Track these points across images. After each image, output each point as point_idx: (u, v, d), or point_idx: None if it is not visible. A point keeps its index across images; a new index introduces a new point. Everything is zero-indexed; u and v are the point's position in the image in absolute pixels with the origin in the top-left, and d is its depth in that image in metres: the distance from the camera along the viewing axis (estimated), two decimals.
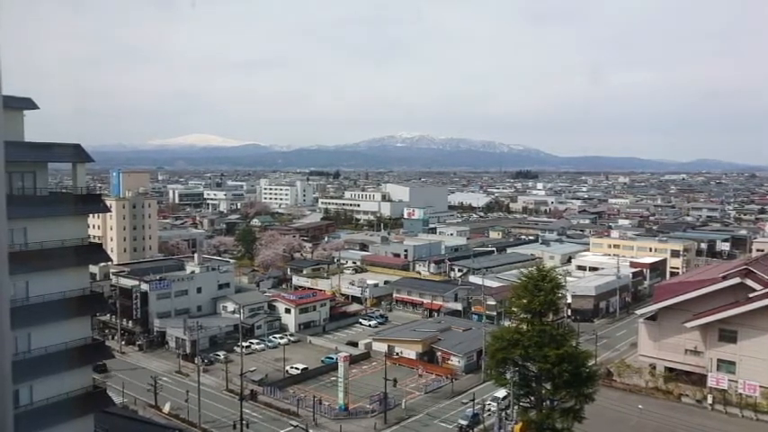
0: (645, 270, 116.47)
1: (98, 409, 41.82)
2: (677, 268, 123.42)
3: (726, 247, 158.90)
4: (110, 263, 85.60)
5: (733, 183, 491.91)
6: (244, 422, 55.68)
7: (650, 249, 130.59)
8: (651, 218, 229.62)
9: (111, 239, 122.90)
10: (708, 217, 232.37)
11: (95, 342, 43.67)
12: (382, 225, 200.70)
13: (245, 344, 79.76)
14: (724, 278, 67.11)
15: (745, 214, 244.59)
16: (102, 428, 41.68)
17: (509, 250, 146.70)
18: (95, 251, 44.66)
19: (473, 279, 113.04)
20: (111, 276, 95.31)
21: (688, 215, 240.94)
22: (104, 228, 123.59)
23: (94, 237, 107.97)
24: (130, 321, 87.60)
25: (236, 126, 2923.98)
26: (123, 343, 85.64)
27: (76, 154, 40.14)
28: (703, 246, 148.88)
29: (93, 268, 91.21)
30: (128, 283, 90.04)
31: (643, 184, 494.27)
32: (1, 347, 2.90)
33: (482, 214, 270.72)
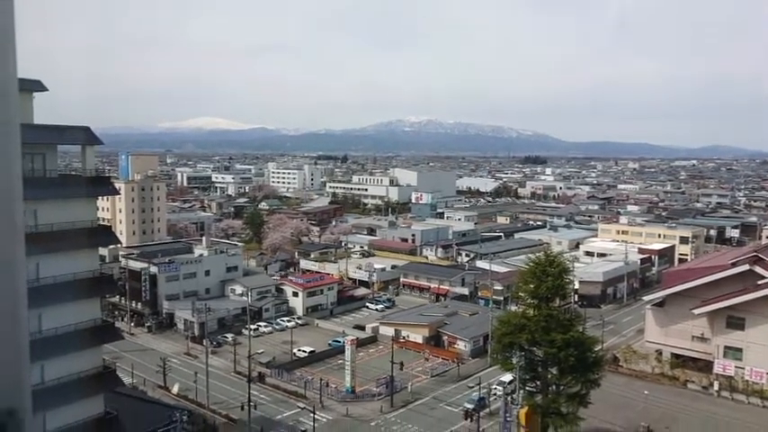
0: (653, 256, 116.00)
1: (108, 390, 42.39)
2: (686, 255, 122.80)
3: (735, 233, 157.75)
4: (119, 245, 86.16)
5: (744, 169, 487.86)
6: (251, 404, 56.20)
7: (659, 236, 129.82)
8: (660, 204, 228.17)
9: (121, 222, 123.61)
10: (718, 203, 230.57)
11: (105, 323, 44.16)
12: (390, 209, 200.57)
13: (252, 326, 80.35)
14: (733, 265, 66.86)
15: (755, 201, 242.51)
16: (112, 408, 42.24)
17: (517, 235, 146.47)
18: (105, 233, 45.07)
19: (480, 264, 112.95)
20: (121, 259, 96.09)
21: (698, 201, 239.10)
22: (113, 210, 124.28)
23: (104, 219, 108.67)
24: (139, 303, 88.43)
25: (244, 110, 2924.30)
26: (132, 324, 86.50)
27: (86, 136, 40.33)
28: (713, 232, 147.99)
29: (103, 250, 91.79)
30: (137, 265, 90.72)
31: (653, 169, 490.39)
32: (19, 327, 2.93)
33: (490, 199, 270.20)
